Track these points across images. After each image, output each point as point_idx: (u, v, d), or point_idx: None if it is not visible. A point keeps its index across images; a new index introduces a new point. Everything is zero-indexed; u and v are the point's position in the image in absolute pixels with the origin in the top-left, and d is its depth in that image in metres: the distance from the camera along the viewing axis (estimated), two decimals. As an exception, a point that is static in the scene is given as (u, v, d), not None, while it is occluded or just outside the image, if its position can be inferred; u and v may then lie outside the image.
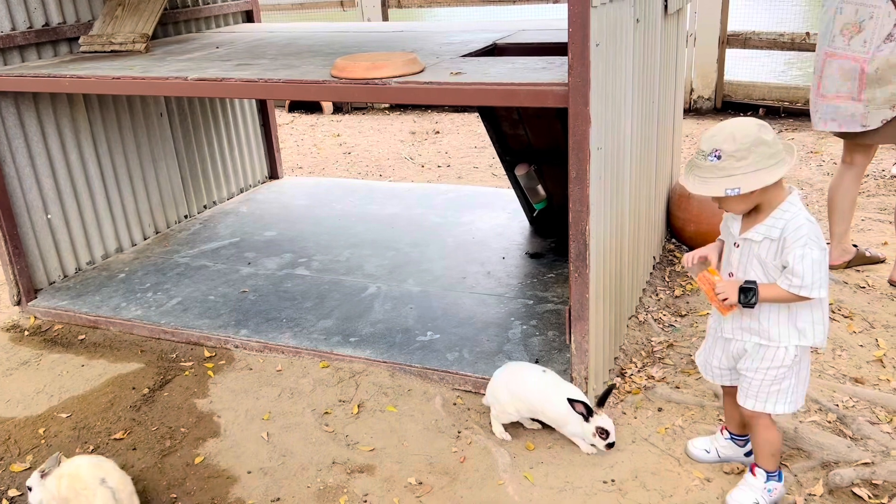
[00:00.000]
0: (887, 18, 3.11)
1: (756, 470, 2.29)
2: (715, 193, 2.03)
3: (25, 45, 3.74)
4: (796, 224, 2.02)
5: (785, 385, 2.16)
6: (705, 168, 2.04)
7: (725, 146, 2.00)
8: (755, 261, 2.12)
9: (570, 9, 2.29)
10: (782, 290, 2.05)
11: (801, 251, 2.00)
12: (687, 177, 2.13)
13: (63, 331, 3.68)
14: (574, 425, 2.55)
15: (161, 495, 2.52)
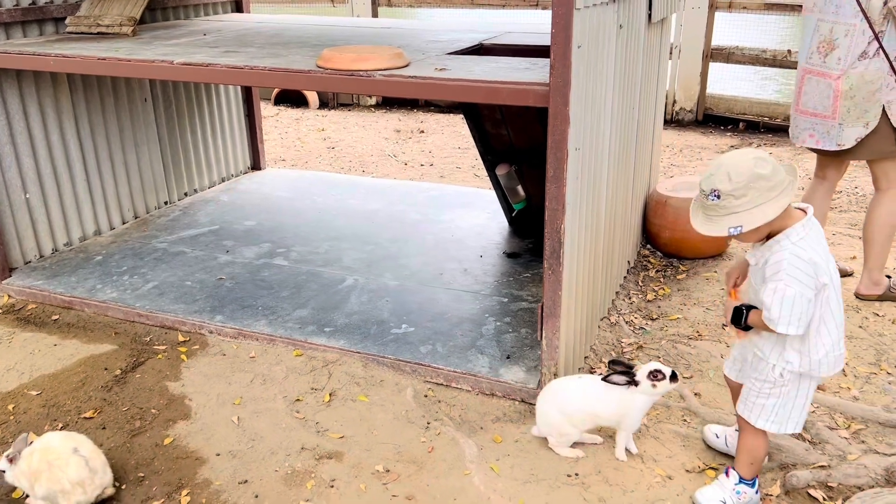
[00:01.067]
0: (862, 37, 3.19)
1: (730, 472, 2.33)
2: (719, 233, 2.05)
3: (11, 22, 3.72)
4: (777, 258, 2.04)
5: (770, 402, 2.20)
6: (709, 207, 2.07)
7: (722, 186, 2.02)
8: (753, 283, 2.18)
9: (554, 10, 2.34)
10: (760, 318, 2.11)
11: (773, 285, 2.04)
12: (694, 215, 2.15)
13: (37, 310, 3.67)
14: (633, 405, 2.44)
15: (129, 474, 2.53)
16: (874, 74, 3.19)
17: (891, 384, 2.94)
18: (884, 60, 3.17)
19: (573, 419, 2.51)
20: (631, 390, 2.43)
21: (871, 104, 3.25)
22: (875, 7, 3.10)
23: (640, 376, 2.42)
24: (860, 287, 3.62)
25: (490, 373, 2.96)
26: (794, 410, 2.19)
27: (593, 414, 2.51)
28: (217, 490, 2.44)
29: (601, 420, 2.53)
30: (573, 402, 2.52)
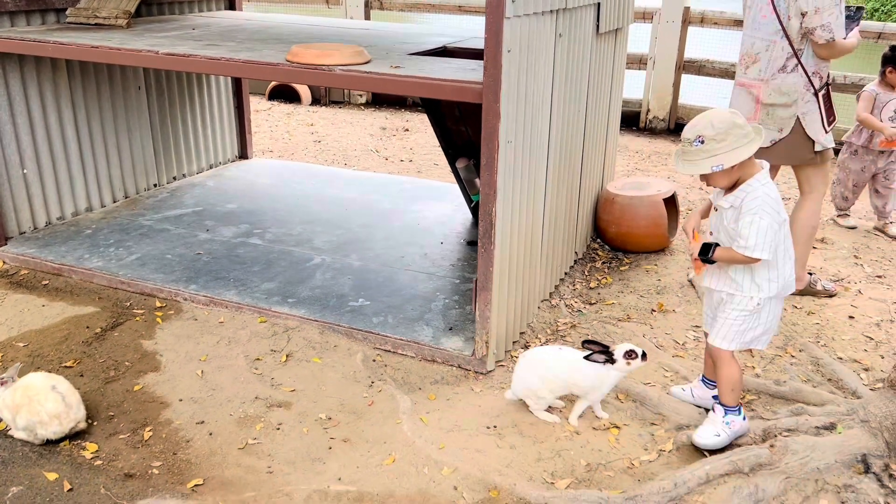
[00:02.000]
0: (781, 52, 3.51)
1: (716, 407, 2.69)
2: (702, 171, 2.47)
3: (16, 11, 4.06)
4: (753, 196, 2.47)
5: (744, 327, 2.60)
6: (691, 153, 2.47)
7: (706, 132, 2.44)
8: (723, 226, 2.58)
9: (486, 18, 2.67)
10: (731, 252, 2.51)
11: (750, 218, 2.45)
12: (677, 163, 2.54)
13: (28, 276, 4.00)
14: (607, 380, 2.74)
15: (101, 413, 2.85)
16: (790, 87, 3.52)
17: (791, 365, 3.27)
18: (801, 75, 3.50)
19: (551, 386, 2.79)
20: (607, 367, 2.73)
21: (785, 112, 3.57)
22: (793, 27, 3.43)
23: (616, 355, 2.73)
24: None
25: (432, 341, 3.28)
26: (762, 331, 2.62)
27: (571, 383, 2.79)
28: (176, 428, 2.77)
29: (576, 389, 2.80)
30: (554, 371, 2.78)
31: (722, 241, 2.60)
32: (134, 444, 2.68)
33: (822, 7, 3.29)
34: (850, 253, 4.50)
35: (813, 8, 3.31)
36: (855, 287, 4.04)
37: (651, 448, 2.73)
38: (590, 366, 2.75)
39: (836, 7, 3.32)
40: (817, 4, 3.30)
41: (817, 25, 3.33)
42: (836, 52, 3.45)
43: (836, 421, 2.64)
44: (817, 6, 3.30)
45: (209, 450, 2.65)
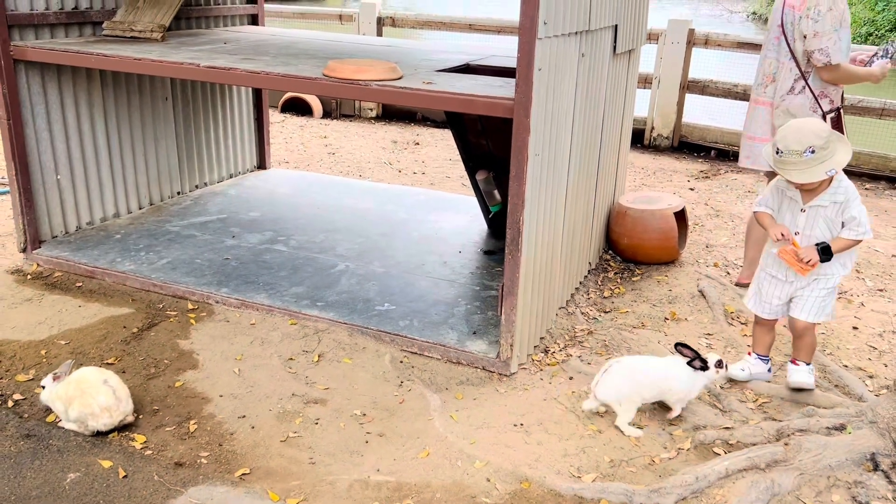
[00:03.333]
0: (789, 74, 3.71)
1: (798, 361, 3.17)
2: (819, 178, 2.81)
3: (56, 24, 4.23)
4: (847, 186, 2.90)
5: (828, 302, 3.07)
6: (802, 162, 2.80)
7: (816, 142, 2.79)
8: (821, 221, 2.94)
9: (520, 39, 2.85)
10: (845, 241, 2.92)
11: (856, 207, 2.89)
12: (787, 174, 2.85)
13: (62, 277, 4.14)
14: (697, 386, 2.94)
15: (146, 407, 2.99)
16: (797, 108, 3.70)
17: (800, 371, 3.43)
18: (808, 97, 3.69)
19: (646, 392, 2.94)
20: (698, 374, 2.95)
21: None
22: (799, 49, 3.62)
23: (709, 363, 2.96)
24: (740, 276, 4.19)
25: (458, 344, 3.43)
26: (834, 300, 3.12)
27: (665, 389, 2.95)
28: (220, 421, 2.91)
29: (668, 395, 2.97)
30: (651, 377, 2.94)
31: (817, 237, 2.97)
32: (180, 435, 2.82)
33: (820, 31, 3.49)
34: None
35: (812, 32, 3.51)
36: (858, 300, 4.22)
37: (670, 447, 2.88)
38: (685, 372, 2.95)
39: (835, 32, 3.51)
40: (816, 29, 3.49)
41: (815, 49, 3.53)
42: (839, 76, 3.63)
43: (846, 422, 2.80)
44: (816, 30, 3.49)
45: (253, 442, 2.79)
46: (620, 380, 2.95)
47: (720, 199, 6.00)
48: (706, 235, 5.17)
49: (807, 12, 3.54)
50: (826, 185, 2.90)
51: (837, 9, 3.53)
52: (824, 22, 3.50)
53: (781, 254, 3.00)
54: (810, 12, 3.53)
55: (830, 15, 3.51)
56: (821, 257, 2.92)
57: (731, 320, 3.91)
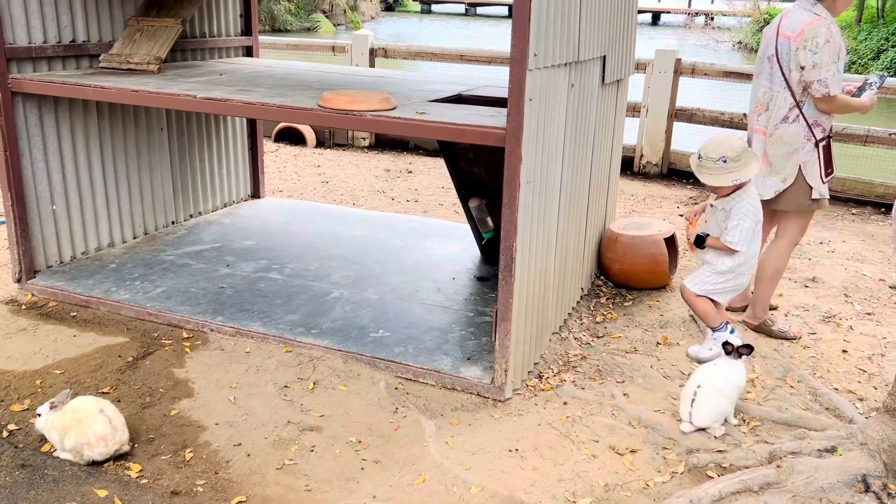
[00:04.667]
0: (784, 103, 3.77)
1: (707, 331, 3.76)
2: (724, 184, 3.40)
3: (54, 56, 4.29)
4: (741, 204, 3.46)
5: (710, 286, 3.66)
6: (715, 169, 3.40)
7: (728, 154, 3.37)
8: (714, 220, 3.60)
9: (511, 70, 2.92)
10: (719, 243, 3.55)
11: (737, 221, 3.46)
12: (701, 175, 3.45)
13: (57, 307, 4.15)
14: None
15: (142, 436, 3.00)
16: (792, 137, 3.77)
17: (791, 395, 3.47)
18: (802, 125, 3.75)
19: (734, 398, 3.11)
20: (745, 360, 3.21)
21: (789, 162, 3.81)
22: (794, 79, 3.69)
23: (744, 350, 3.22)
24: (745, 315, 4.20)
25: (452, 370, 3.46)
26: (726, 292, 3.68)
27: (741, 387, 3.15)
28: (216, 450, 2.92)
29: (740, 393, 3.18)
30: (733, 381, 3.09)
31: (712, 232, 3.62)
32: (176, 464, 2.82)
33: (819, 63, 3.55)
34: (840, 292, 4.74)
35: (811, 63, 3.57)
36: (847, 323, 4.27)
37: (664, 470, 2.90)
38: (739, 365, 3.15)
39: (834, 64, 3.58)
40: (814, 60, 3.56)
41: (814, 80, 3.59)
42: (835, 106, 3.69)
43: (837, 444, 2.83)
44: (815, 62, 3.56)
45: (249, 469, 2.80)
46: (713, 402, 3.05)
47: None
48: (695, 261, 5.22)
49: (804, 44, 3.59)
50: (730, 193, 3.46)
51: (834, 41, 3.59)
52: (823, 54, 3.56)
53: (687, 230, 3.73)
54: (808, 44, 3.58)
55: (828, 47, 3.56)
56: (695, 242, 3.60)
57: (723, 344, 3.95)
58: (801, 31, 3.61)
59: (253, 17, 5.80)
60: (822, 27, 3.57)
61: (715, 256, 3.62)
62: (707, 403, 3.05)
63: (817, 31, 3.57)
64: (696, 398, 3.05)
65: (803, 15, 3.67)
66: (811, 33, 3.58)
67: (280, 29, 29.80)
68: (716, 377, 3.09)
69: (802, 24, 3.62)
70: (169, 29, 4.56)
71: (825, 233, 5.96)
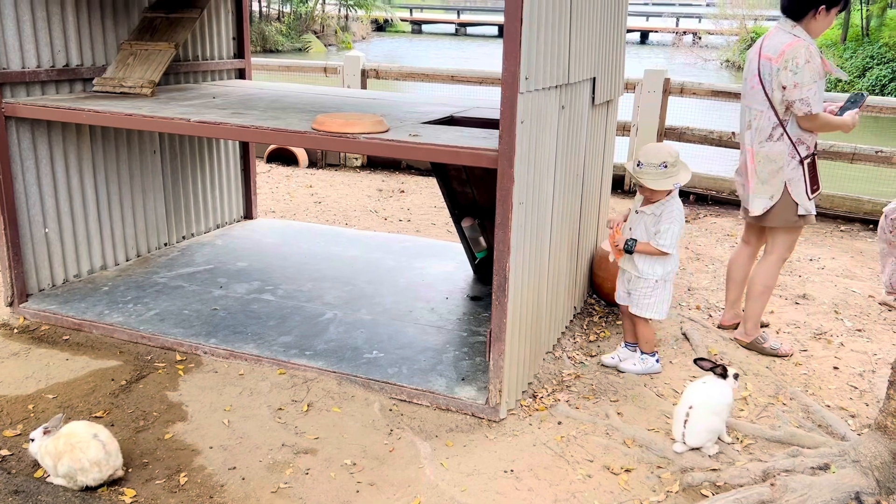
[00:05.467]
0: (767, 122, 3.84)
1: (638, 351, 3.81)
2: (666, 187, 3.51)
3: (48, 80, 4.31)
4: (671, 208, 3.57)
5: (651, 300, 3.69)
6: (656, 174, 3.51)
7: (668, 159, 3.52)
8: (643, 225, 3.63)
9: (502, 93, 2.96)
10: (649, 247, 3.59)
11: (668, 224, 3.54)
12: (643, 180, 3.52)
13: (49, 331, 4.14)
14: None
15: (135, 460, 2.98)
16: (776, 154, 3.84)
17: (783, 412, 3.48)
18: (786, 143, 3.82)
19: (725, 416, 3.14)
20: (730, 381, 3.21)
21: (775, 180, 3.88)
22: (777, 98, 3.76)
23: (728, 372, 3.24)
24: (736, 333, 4.22)
25: (446, 391, 3.46)
26: (663, 303, 3.71)
27: (731, 405, 3.19)
28: (210, 473, 2.90)
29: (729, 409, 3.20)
30: (721, 400, 3.12)
31: (639, 237, 3.64)
32: (171, 488, 2.81)
33: (800, 83, 3.63)
34: (830, 309, 4.78)
35: (791, 83, 3.65)
36: (837, 340, 4.30)
37: (659, 489, 2.90)
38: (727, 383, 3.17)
39: (815, 84, 3.66)
40: (795, 80, 3.64)
41: (796, 99, 3.67)
42: (817, 124, 3.76)
43: (830, 462, 2.85)
44: (795, 81, 3.64)
45: (244, 493, 2.79)
46: (706, 417, 3.07)
47: (700, 243, 6.12)
48: (688, 279, 5.26)
49: (785, 64, 3.67)
50: (660, 198, 3.57)
51: (814, 62, 3.67)
52: (803, 74, 3.63)
53: (609, 237, 3.72)
54: (789, 64, 3.66)
55: (808, 67, 3.64)
56: (625, 247, 3.61)
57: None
58: (782, 52, 3.69)
59: (245, 39, 5.84)
60: (801, 48, 3.65)
61: (647, 265, 3.64)
62: (700, 423, 3.06)
63: (797, 52, 3.65)
64: (689, 418, 3.06)
65: (783, 37, 3.75)
66: (791, 54, 3.65)
67: (271, 49, 29.97)
68: (707, 396, 3.10)
69: (783, 46, 3.70)
70: (162, 53, 4.60)
71: (815, 249, 6.01)
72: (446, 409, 3.42)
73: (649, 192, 3.57)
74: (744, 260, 4.37)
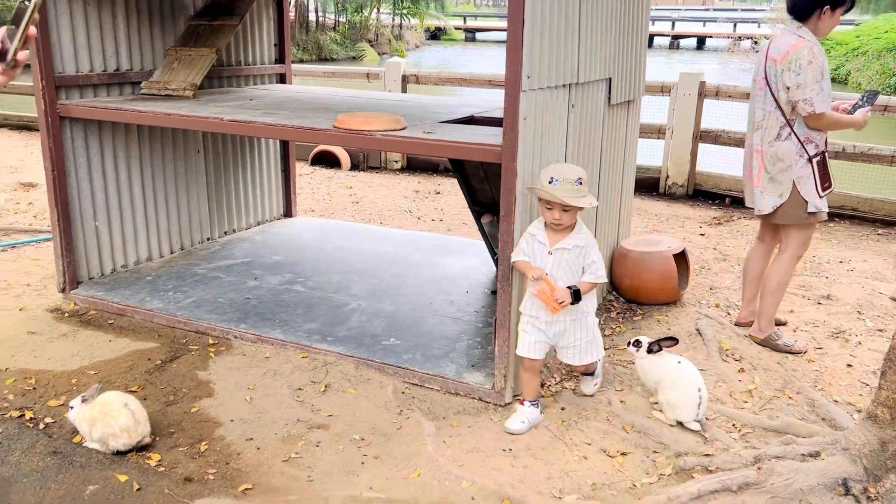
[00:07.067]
0: (775, 122, 3.91)
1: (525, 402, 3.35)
2: (583, 205, 3.11)
3: (99, 84, 4.66)
4: (586, 236, 3.22)
5: (596, 342, 3.38)
6: (574, 190, 3.10)
7: (583, 175, 3.16)
8: (565, 264, 3.19)
9: (506, 91, 3.13)
10: (588, 284, 3.22)
11: (595, 254, 3.21)
12: (567, 198, 3.08)
13: (96, 315, 4.46)
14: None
15: (163, 430, 3.24)
16: (785, 153, 3.89)
17: (788, 405, 3.53)
18: (794, 142, 3.88)
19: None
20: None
21: (784, 178, 3.93)
22: (783, 98, 3.83)
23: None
24: (751, 330, 4.24)
25: (456, 376, 3.63)
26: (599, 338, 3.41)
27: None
28: (229, 443, 3.14)
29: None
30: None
31: (562, 278, 3.18)
32: (192, 455, 3.05)
33: (802, 83, 3.70)
34: (853, 309, 4.76)
35: (794, 83, 3.71)
36: (855, 339, 4.30)
37: (652, 472, 3.01)
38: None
39: (817, 84, 3.72)
40: (798, 80, 3.70)
41: (800, 99, 3.73)
42: (823, 123, 3.82)
43: (821, 449, 2.91)
44: (798, 82, 3.70)
45: (257, 461, 3.01)
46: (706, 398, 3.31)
47: (729, 244, 6.13)
48: (711, 278, 5.31)
49: (788, 65, 3.75)
50: (569, 230, 3.18)
51: (817, 62, 3.73)
52: (806, 74, 3.71)
53: (539, 294, 3.13)
54: (791, 65, 3.74)
55: (811, 67, 3.71)
56: (574, 300, 3.12)
57: (726, 357, 4.03)
58: (786, 53, 3.76)
59: (286, 45, 6.14)
60: (804, 49, 3.72)
61: (589, 303, 3.30)
62: (706, 401, 3.29)
63: (800, 54, 3.72)
64: (702, 399, 3.26)
65: (789, 38, 3.82)
66: (794, 55, 3.73)
67: (326, 58, 30.68)
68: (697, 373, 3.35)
69: (787, 47, 3.78)
70: (204, 58, 4.90)
71: (846, 252, 5.96)
72: (455, 393, 3.58)
73: (558, 216, 3.10)
74: (759, 257, 4.42)
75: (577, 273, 3.21)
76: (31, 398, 3.49)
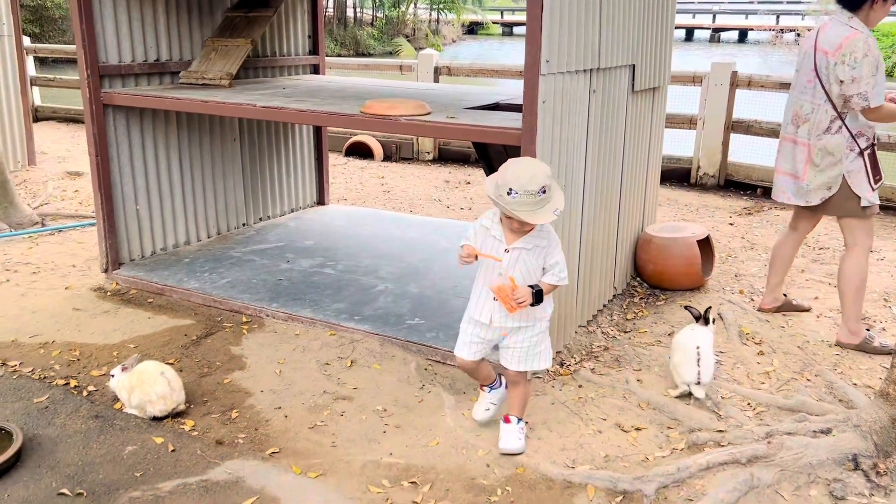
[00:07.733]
0: (825, 115, 3.83)
1: (510, 419, 3.03)
2: (549, 219, 2.69)
3: (140, 73, 4.87)
4: (549, 231, 2.85)
5: (544, 346, 2.98)
6: (536, 203, 2.65)
7: (547, 182, 2.66)
8: (523, 263, 2.82)
9: (525, 75, 3.22)
10: (550, 286, 2.87)
11: (559, 254, 2.86)
12: (531, 217, 2.66)
13: (137, 294, 4.68)
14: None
15: (197, 399, 3.42)
16: (835, 147, 3.82)
17: (806, 387, 3.57)
18: (844, 136, 3.81)
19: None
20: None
21: (833, 171, 3.86)
22: (835, 92, 3.77)
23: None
24: (840, 335, 4.04)
25: (477, 354, 3.73)
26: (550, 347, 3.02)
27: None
28: (258, 411, 3.30)
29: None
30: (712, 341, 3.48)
31: (520, 277, 2.81)
32: (223, 421, 3.22)
33: (858, 77, 3.59)
34: (880, 297, 4.75)
35: (849, 77, 3.62)
36: (879, 325, 4.30)
37: (665, 446, 3.08)
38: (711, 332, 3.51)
39: (874, 77, 3.61)
40: (853, 74, 3.60)
41: (854, 94, 3.63)
42: (881, 116, 3.71)
43: (833, 426, 2.95)
44: (854, 76, 3.60)
45: (284, 427, 3.17)
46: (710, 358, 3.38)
47: (758, 234, 6.13)
48: (737, 266, 5.32)
49: (842, 58, 3.65)
50: (531, 228, 2.78)
51: (872, 54, 3.62)
52: (861, 68, 3.60)
53: (498, 291, 2.77)
54: (846, 59, 3.63)
55: (867, 61, 3.60)
56: (534, 301, 2.78)
57: (746, 341, 4.07)
58: (840, 45, 3.66)
59: (320, 37, 6.30)
60: (859, 41, 3.62)
61: (544, 310, 2.96)
62: (708, 361, 3.34)
63: (855, 46, 3.62)
64: (701, 357, 3.30)
65: (840, 29, 3.71)
66: (849, 48, 3.63)
67: (363, 53, 30.97)
68: (703, 338, 3.40)
69: (840, 39, 3.67)
70: (240, 48, 5.09)
71: (878, 242, 5.90)
72: (476, 370, 3.69)
73: (518, 225, 2.75)
74: (790, 245, 4.41)
75: (534, 274, 2.84)
76: (75, 368, 3.70)
